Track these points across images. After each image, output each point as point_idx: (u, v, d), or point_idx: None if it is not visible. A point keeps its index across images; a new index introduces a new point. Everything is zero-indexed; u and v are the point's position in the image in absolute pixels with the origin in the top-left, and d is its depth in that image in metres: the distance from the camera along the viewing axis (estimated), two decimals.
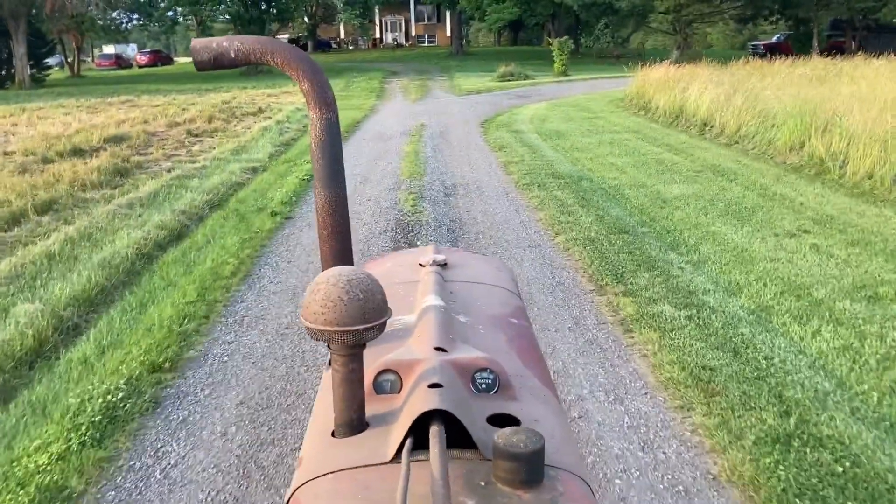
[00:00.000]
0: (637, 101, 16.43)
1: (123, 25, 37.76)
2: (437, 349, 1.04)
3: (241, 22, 30.41)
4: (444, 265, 1.53)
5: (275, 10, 32.00)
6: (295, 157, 11.11)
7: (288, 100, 20.38)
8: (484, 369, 0.99)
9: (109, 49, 65.09)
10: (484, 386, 0.99)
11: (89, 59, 55.04)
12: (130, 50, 61.40)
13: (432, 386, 0.91)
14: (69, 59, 37.07)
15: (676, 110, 13.83)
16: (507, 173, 9.46)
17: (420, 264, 1.54)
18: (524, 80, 26.39)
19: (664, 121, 14.06)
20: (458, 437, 0.84)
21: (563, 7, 36.47)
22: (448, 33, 51.38)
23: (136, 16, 35.74)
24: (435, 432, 0.81)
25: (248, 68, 32.11)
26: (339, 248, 1.32)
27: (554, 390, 1.16)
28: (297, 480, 0.89)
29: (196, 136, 12.84)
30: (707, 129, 12.33)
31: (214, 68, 1.25)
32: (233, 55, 1.25)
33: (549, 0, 36.19)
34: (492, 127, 14.22)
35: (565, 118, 15.21)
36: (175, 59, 63.05)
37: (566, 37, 29.48)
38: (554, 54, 28.29)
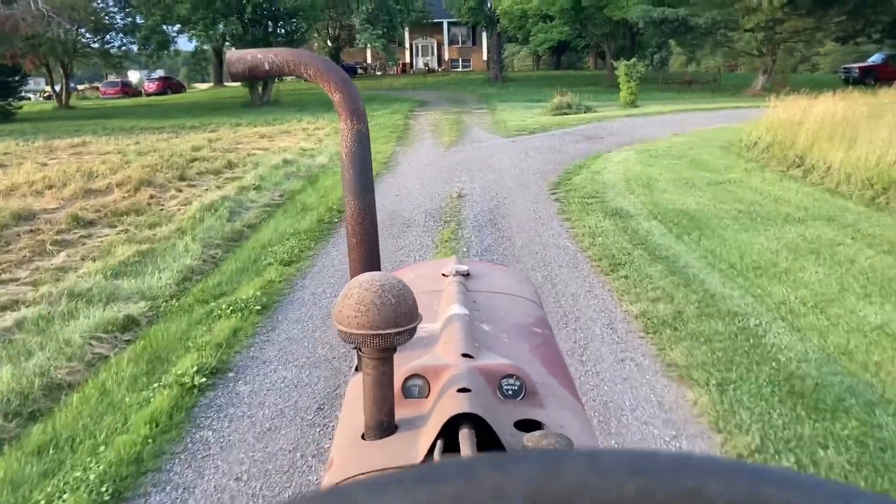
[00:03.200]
0: (780, 154, 11.00)
1: (109, 48, 33.41)
2: (464, 356, 1.03)
3: (242, 44, 25.94)
4: (466, 275, 1.52)
5: (283, 31, 27.42)
6: (228, 281, 5.95)
7: (282, 143, 15.44)
8: (510, 375, 0.98)
9: (134, 75, 61.64)
10: (510, 392, 0.98)
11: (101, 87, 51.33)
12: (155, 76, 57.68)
13: (461, 390, 0.90)
14: (57, 89, 32.90)
15: (883, 179, 8.36)
16: (663, 360, 4.16)
17: (443, 274, 1.53)
18: (584, 112, 21.11)
19: (856, 193, 8.61)
20: (484, 442, 0.83)
21: (622, 25, 31.29)
22: (485, 57, 46.59)
23: (131, 39, 31.54)
24: (465, 435, 0.81)
25: (253, 97, 27.71)
26: (368, 256, 1.33)
27: (579, 399, 1.13)
28: (328, 482, 0.89)
29: (89, 223, 7.81)
30: None
31: (249, 79, 1.39)
32: (267, 67, 1.30)
33: (605, 18, 30.94)
34: (573, 201, 8.93)
35: (680, 182, 9.87)
36: (195, 85, 59.31)
37: (634, 59, 24.12)
38: (619, 80, 22.96)
